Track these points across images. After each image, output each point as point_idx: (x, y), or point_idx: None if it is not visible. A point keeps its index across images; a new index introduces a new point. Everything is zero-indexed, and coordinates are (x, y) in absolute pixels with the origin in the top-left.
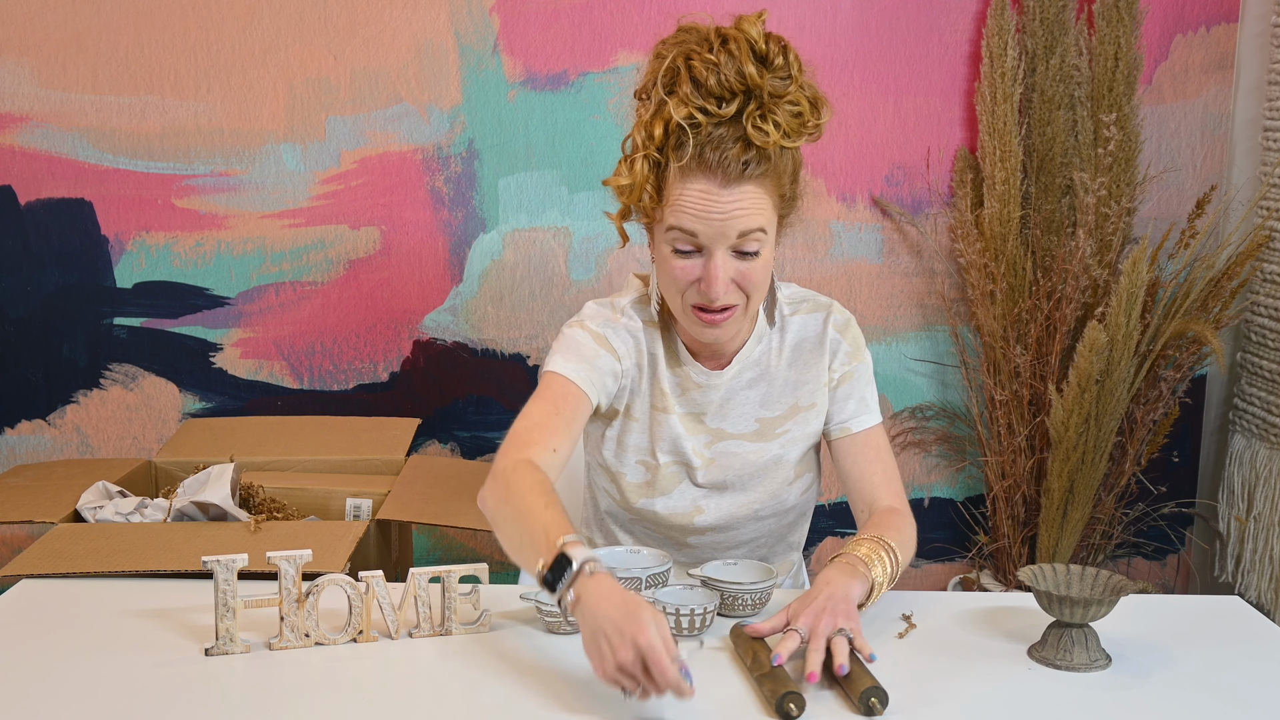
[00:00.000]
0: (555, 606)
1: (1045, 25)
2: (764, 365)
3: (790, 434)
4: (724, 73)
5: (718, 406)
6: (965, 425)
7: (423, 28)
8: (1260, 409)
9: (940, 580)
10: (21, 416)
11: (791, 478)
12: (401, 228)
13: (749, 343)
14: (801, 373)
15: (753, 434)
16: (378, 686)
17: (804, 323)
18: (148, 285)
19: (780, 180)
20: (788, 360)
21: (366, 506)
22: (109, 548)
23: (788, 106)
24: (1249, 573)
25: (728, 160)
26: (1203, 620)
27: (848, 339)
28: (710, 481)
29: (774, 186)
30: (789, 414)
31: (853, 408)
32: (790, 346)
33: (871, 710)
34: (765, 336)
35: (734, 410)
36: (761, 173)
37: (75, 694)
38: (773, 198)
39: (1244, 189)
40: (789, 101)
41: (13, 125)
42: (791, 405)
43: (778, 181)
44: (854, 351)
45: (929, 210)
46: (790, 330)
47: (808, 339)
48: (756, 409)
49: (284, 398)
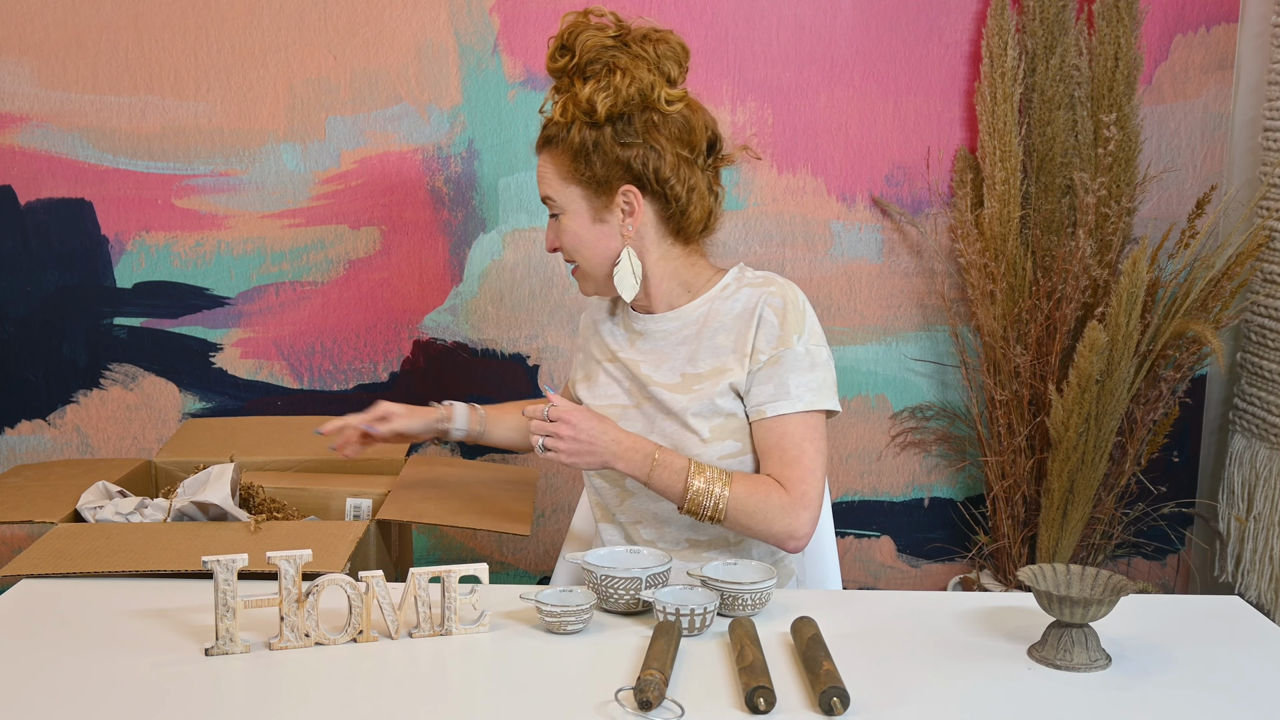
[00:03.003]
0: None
1: (1045, 25)
2: (700, 325)
3: (702, 391)
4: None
5: (653, 356)
6: (965, 425)
7: (423, 28)
8: (1260, 409)
9: (940, 580)
10: (21, 416)
11: (705, 436)
12: (401, 228)
13: (694, 302)
14: (727, 339)
15: (674, 385)
16: (378, 686)
17: (747, 296)
18: (148, 285)
19: (562, 154)
20: (725, 326)
21: (366, 506)
22: (109, 548)
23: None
24: (1249, 573)
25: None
26: (1203, 620)
27: (782, 322)
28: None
29: (556, 158)
30: (710, 375)
31: (770, 391)
32: (731, 315)
33: (832, 710)
34: (712, 301)
35: (665, 363)
36: (545, 142)
37: (75, 694)
38: (557, 168)
39: (1244, 189)
40: (571, 85)
41: (13, 125)
42: (714, 367)
43: (559, 154)
44: (783, 336)
45: (929, 210)
46: (736, 301)
47: (745, 312)
48: (683, 364)
49: (284, 398)
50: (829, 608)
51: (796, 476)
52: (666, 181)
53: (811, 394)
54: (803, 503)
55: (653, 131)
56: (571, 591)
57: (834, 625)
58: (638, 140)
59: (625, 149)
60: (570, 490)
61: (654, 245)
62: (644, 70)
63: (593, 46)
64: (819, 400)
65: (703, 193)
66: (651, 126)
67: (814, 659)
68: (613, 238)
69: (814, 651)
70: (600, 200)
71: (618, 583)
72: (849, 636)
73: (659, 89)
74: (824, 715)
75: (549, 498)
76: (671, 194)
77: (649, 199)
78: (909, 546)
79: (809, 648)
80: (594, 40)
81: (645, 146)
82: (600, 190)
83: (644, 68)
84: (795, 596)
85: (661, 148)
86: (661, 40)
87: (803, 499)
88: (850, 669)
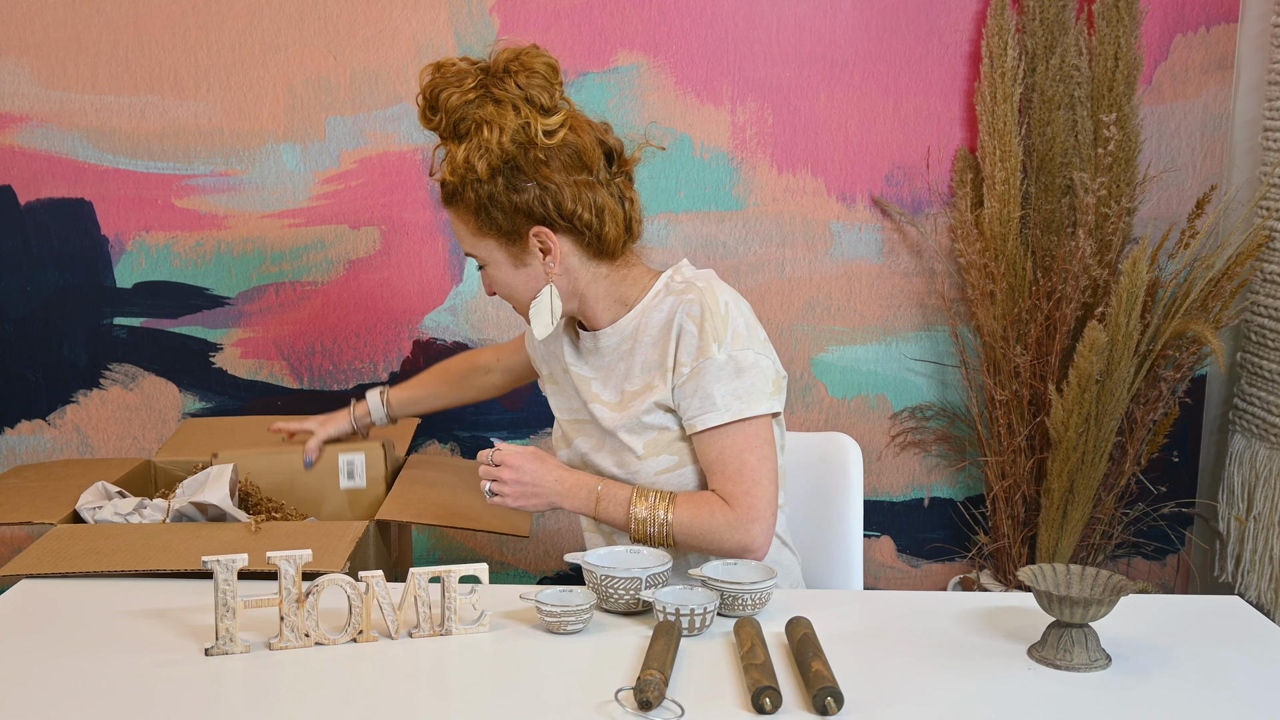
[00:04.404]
0: (555, 606)
1: (1045, 25)
2: (634, 339)
3: (633, 409)
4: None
5: (601, 373)
6: (965, 425)
7: (423, 28)
8: (1260, 409)
9: (940, 580)
10: (21, 416)
11: (640, 453)
12: (401, 228)
13: (628, 315)
14: (654, 353)
15: (614, 404)
16: (378, 686)
17: (670, 305)
18: (148, 285)
19: (464, 212)
20: (652, 340)
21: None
22: (109, 548)
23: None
24: (1249, 573)
25: None
26: (1203, 620)
27: (700, 331)
28: (585, 446)
29: (462, 216)
30: (641, 392)
31: (696, 405)
32: (657, 327)
33: (826, 710)
34: (644, 312)
35: (611, 379)
36: (445, 200)
37: (75, 694)
38: (465, 226)
39: (1244, 189)
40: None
41: (13, 125)
42: (644, 384)
43: (462, 213)
44: (702, 346)
45: (929, 210)
46: (660, 311)
47: (665, 322)
48: (622, 380)
49: (284, 398)
50: (829, 608)
51: (740, 490)
52: (572, 214)
53: (739, 402)
54: (750, 515)
55: (541, 169)
56: (571, 591)
57: (834, 625)
58: (529, 183)
59: (520, 194)
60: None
61: (582, 271)
62: (510, 114)
63: (456, 106)
64: (747, 407)
65: (614, 209)
66: (539, 164)
67: (804, 660)
68: (539, 278)
69: (804, 652)
70: (515, 248)
71: (618, 583)
72: (849, 636)
73: (534, 125)
74: (818, 715)
75: None
76: (581, 223)
77: (561, 234)
78: (909, 546)
79: (800, 648)
80: (455, 99)
81: (539, 187)
82: (512, 239)
83: (510, 112)
84: (795, 596)
85: (556, 182)
86: (523, 69)
87: (749, 512)
88: (850, 669)
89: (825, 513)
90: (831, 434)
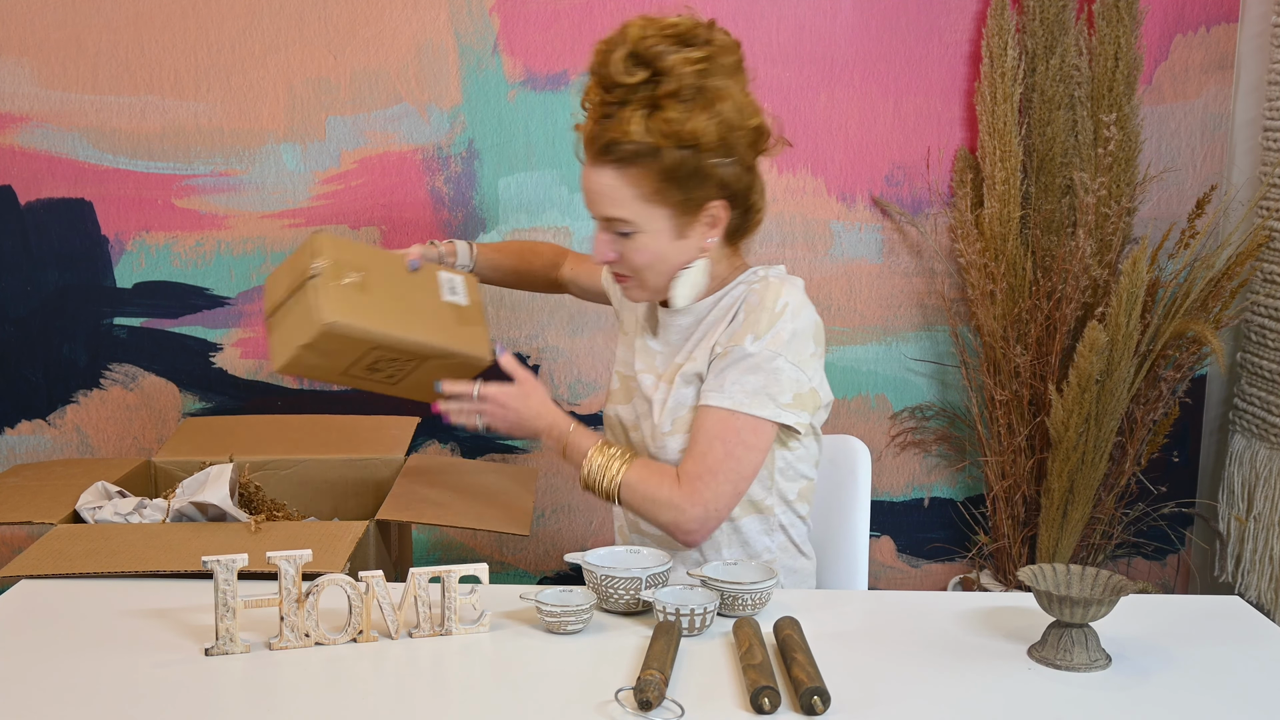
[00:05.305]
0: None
1: (1045, 25)
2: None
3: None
4: (606, 65)
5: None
6: (965, 425)
7: (423, 28)
8: (1260, 409)
9: (940, 580)
10: (21, 416)
11: (667, 428)
12: (401, 228)
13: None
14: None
15: (663, 374)
16: (378, 686)
17: (739, 292)
18: (148, 285)
19: (645, 176)
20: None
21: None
22: (109, 548)
23: (657, 107)
24: (1249, 573)
25: (595, 142)
26: (1203, 620)
27: (746, 320)
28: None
29: (636, 179)
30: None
31: (711, 383)
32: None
33: (813, 709)
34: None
35: (673, 356)
36: (616, 160)
37: (75, 694)
38: (636, 190)
39: (1244, 189)
40: (654, 103)
41: (13, 125)
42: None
43: (641, 176)
44: (741, 333)
45: (929, 210)
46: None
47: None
48: (683, 358)
49: (284, 398)
50: (829, 608)
51: (694, 473)
52: (749, 193)
53: (743, 395)
54: (692, 499)
55: (744, 147)
56: (571, 591)
57: (834, 625)
58: (732, 159)
59: (723, 169)
60: (570, 490)
61: (715, 249)
62: (736, 89)
63: (684, 72)
64: (748, 404)
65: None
66: (744, 143)
67: (786, 661)
68: (690, 251)
69: (785, 653)
70: (686, 218)
71: (618, 583)
72: (849, 636)
73: (749, 107)
74: (805, 716)
75: (549, 498)
76: (752, 205)
77: (732, 211)
78: (909, 546)
79: (783, 648)
80: (680, 63)
81: (738, 164)
82: (687, 209)
83: (735, 87)
84: (795, 596)
85: (750, 161)
86: (726, 48)
87: (692, 495)
88: (849, 669)
89: (832, 514)
90: (842, 436)
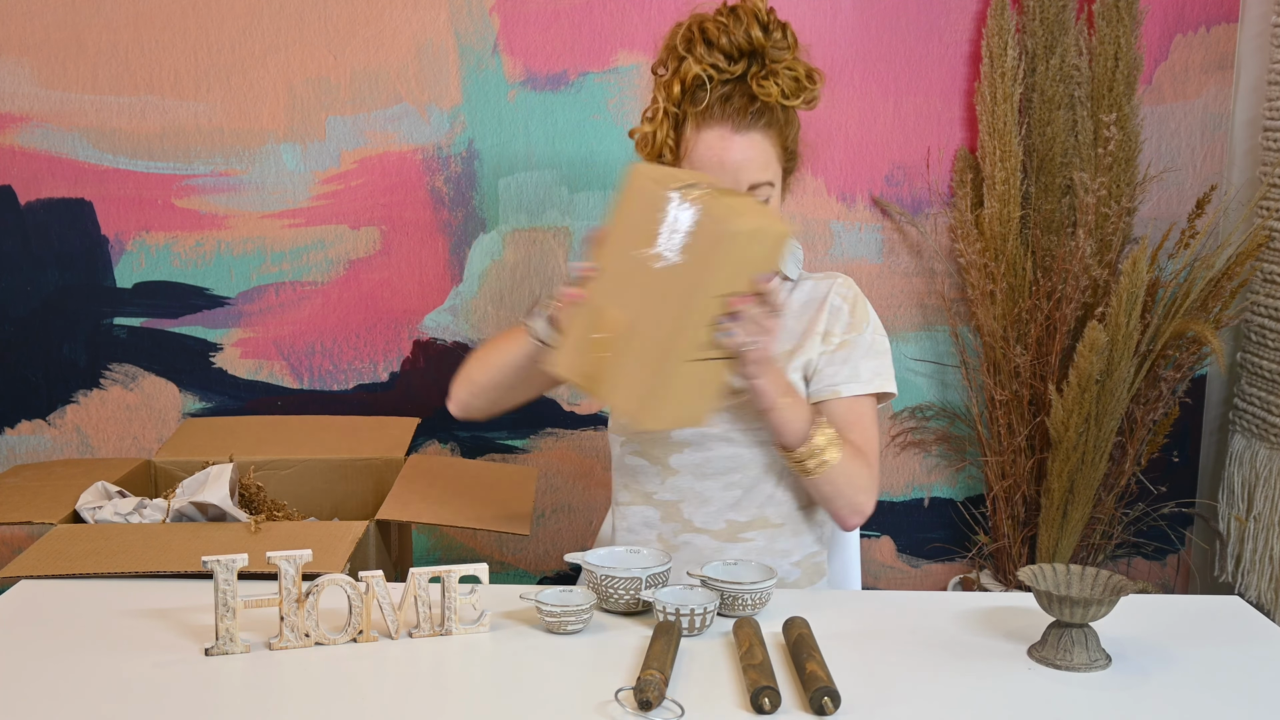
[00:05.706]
0: (555, 606)
1: (1045, 25)
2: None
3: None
4: (733, 35)
5: None
6: (965, 425)
7: (423, 28)
8: (1260, 409)
9: (940, 580)
10: (21, 416)
11: None
12: (401, 228)
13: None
14: (798, 323)
15: None
16: (378, 686)
17: (813, 286)
18: (148, 285)
19: (784, 134)
20: (794, 313)
21: None
22: (109, 548)
23: (786, 71)
24: (1249, 573)
25: (737, 109)
26: (1203, 620)
27: (852, 310)
28: None
29: (778, 138)
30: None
31: (845, 373)
32: (799, 303)
33: (823, 710)
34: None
35: None
36: (765, 123)
37: (75, 694)
38: (777, 149)
39: (1244, 189)
40: (786, 67)
41: (13, 125)
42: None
43: (781, 134)
44: (854, 323)
45: (929, 210)
46: (802, 290)
47: (813, 300)
48: None
49: (284, 398)
50: (829, 607)
51: (874, 459)
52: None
53: (879, 378)
54: (875, 482)
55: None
56: (571, 591)
57: (834, 625)
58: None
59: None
60: (570, 490)
61: None
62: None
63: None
64: (884, 383)
65: None
66: None
67: (800, 660)
68: None
69: (800, 652)
70: (788, 180)
71: (618, 583)
72: (848, 636)
73: None
74: (815, 715)
75: (549, 498)
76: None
77: None
78: (909, 546)
79: (795, 648)
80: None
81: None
82: (788, 171)
83: None
84: (795, 596)
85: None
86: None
87: (876, 479)
88: (849, 669)
89: None
90: None
